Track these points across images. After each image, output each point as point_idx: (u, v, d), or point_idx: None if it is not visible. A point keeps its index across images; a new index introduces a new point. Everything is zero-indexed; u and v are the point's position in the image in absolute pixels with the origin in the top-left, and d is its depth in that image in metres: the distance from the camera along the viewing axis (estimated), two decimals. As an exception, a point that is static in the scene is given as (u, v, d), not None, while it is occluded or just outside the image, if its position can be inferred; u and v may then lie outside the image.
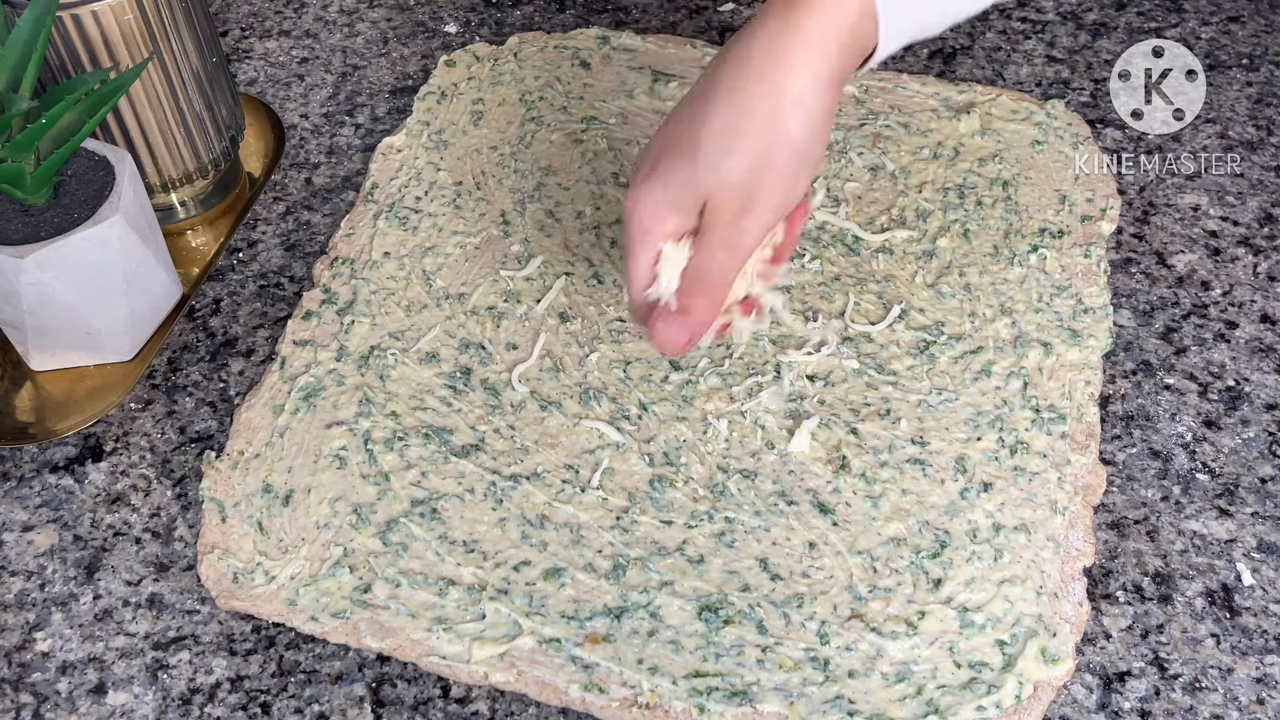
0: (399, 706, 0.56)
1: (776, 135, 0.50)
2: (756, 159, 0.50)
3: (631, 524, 0.60)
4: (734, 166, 0.50)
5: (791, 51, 0.49)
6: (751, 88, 0.50)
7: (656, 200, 0.52)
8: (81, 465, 0.66)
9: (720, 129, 0.50)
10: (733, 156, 0.50)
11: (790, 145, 0.50)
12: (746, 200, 0.51)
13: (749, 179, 0.51)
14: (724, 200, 0.51)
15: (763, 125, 0.50)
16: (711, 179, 0.51)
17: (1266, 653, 0.57)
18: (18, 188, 0.62)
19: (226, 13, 0.92)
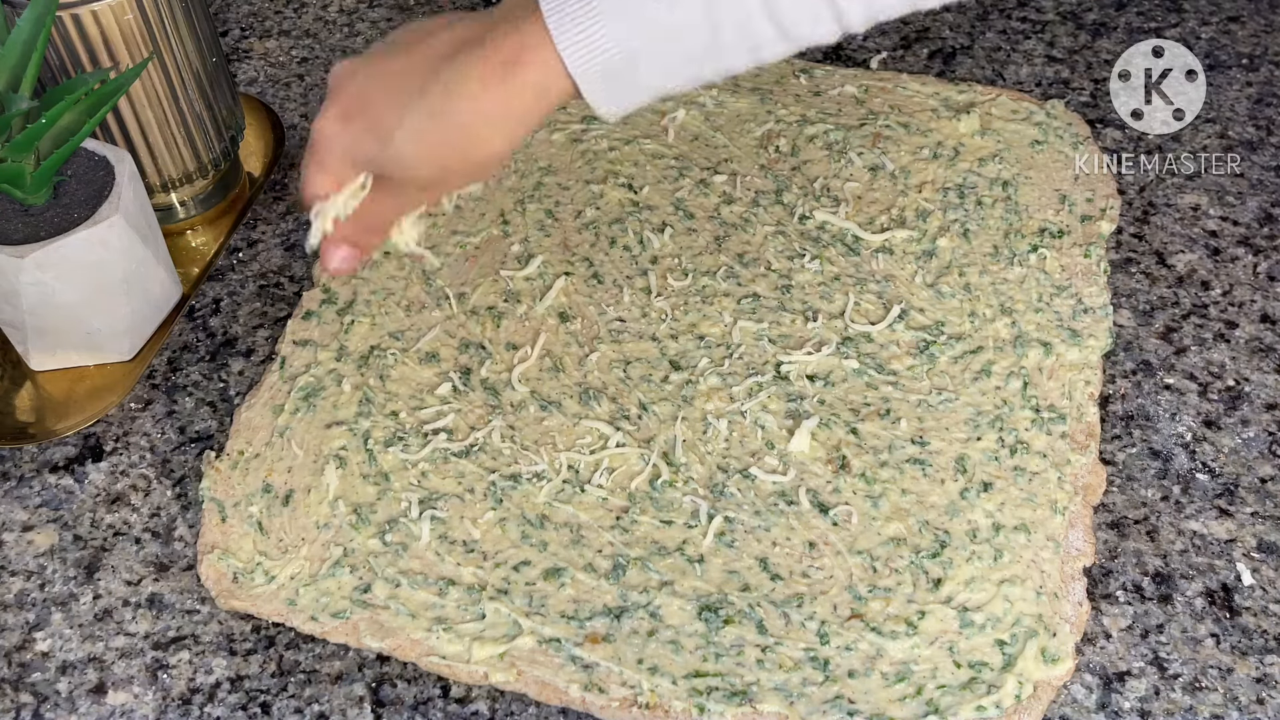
0: (399, 706, 0.56)
1: (469, 149, 0.52)
2: (443, 167, 0.53)
3: (631, 524, 0.60)
4: (421, 166, 0.53)
5: (507, 95, 0.51)
6: (459, 105, 0.51)
7: (342, 150, 0.54)
8: (81, 465, 0.66)
9: (420, 128, 0.52)
10: (421, 160, 0.53)
11: (475, 161, 0.53)
12: (426, 185, 0.55)
13: (433, 175, 0.54)
14: (406, 178, 0.54)
15: (457, 139, 0.52)
16: (397, 168, 0.53)
17: (1266, 653, 0.57)
18: (18, 188, 0.62)
19: (226, 13, 0.92)
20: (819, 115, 0.79)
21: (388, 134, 0.52)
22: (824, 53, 0.86)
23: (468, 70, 0.51)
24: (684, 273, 0.71)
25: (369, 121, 0.53)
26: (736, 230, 0.73)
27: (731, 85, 0.81)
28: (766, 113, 0.80)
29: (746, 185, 0.76)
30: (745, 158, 0.78)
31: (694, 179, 0.76)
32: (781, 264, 0.71)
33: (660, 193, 0.76)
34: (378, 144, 0.53)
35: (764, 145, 0.78)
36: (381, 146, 0.53)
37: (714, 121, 0.80)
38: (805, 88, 0.82)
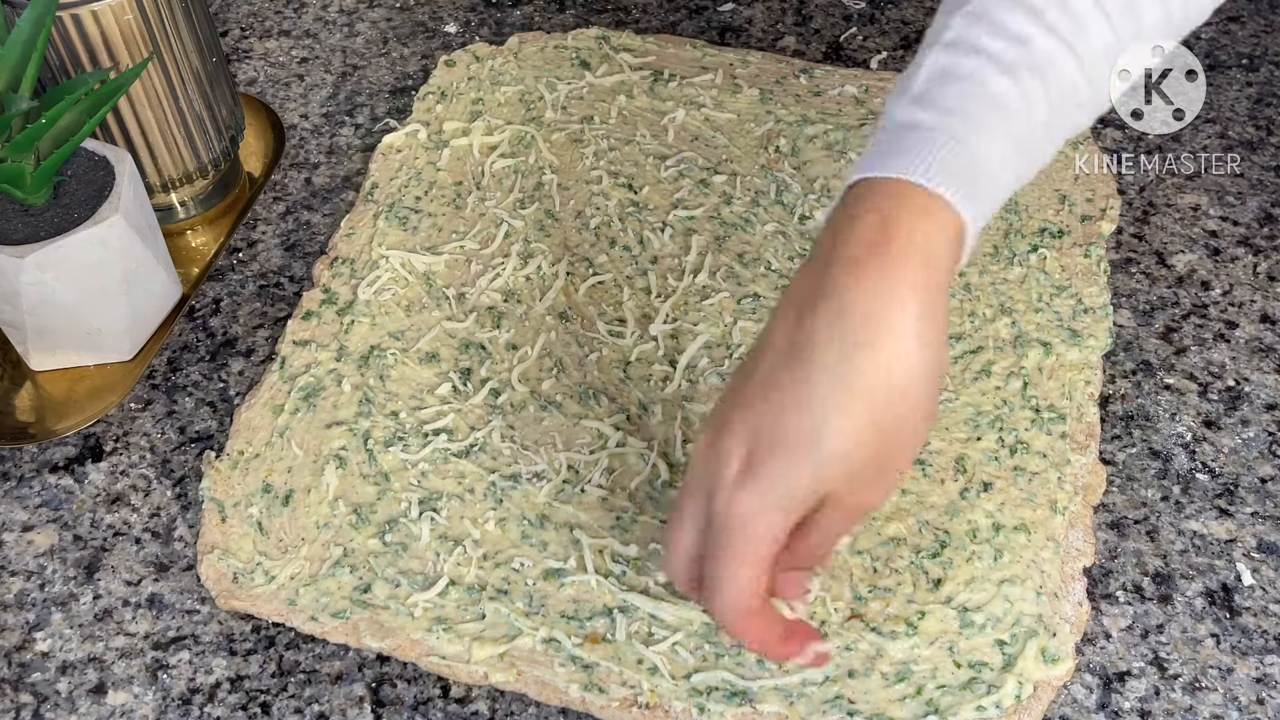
0: (399, 706, 0.56)
1: (895, 390, 0.43)
2: (880, 430, 0.43)
3: (631, 524, 0.60)
4: (857, 451, 0.43)
5: (897, 293, 0.42)
6: (857, 355, 0.42)
7: (764, 506, 0.44)
8: (81, 465, 0.66)
9: (829, 414, 0.42)
10: (854, 442, 0.43)
11: (913, 396, 0.43)
12: (873, 477, 0.44)
13: (876, 455, 0.43)
14: (848, 487, 0.44)
15: (879, 385, 0.42)
16: (834, 472, 0.43)
17: (1266, 653, 0.57)
18: (18, 188, 0.62)
19: (226, 13, 0.92)
20: (819, 115, 0.79)
21: (803, 443, 0.43)
22: (824, 53, 0.86)
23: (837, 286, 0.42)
24: (684, 273, 0.71)
25: (776, 453, 0.43)
26: (736, 230, 0.73)
27: (731, 85, 0.81)
28: (766, 113, 0.80)
29: (746, 185, 0.76)
30: (745, 158, 0.78)
31: (694, 179, 0.76)
32: (781, 264, 0.71)
33: (660, 193, 0.76)
34: (801, 463, 0.43)
35: (764, 145, 0.78)
36: (806, 463, 0.43)
37: (714, 121, 0.80)
38: (805, 88, 0.82)
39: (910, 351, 0.42)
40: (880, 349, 0.42)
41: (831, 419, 0.42)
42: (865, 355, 0.42)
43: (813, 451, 0.43)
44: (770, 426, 0.44)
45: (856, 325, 0.42)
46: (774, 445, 0.43)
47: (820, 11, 0.89)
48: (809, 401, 0.43)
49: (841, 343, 0.42)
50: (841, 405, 0.42)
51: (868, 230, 0.43)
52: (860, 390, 0.42)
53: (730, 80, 0.82)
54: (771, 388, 0.44)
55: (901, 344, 0.42)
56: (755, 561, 0.45)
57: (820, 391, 0.42)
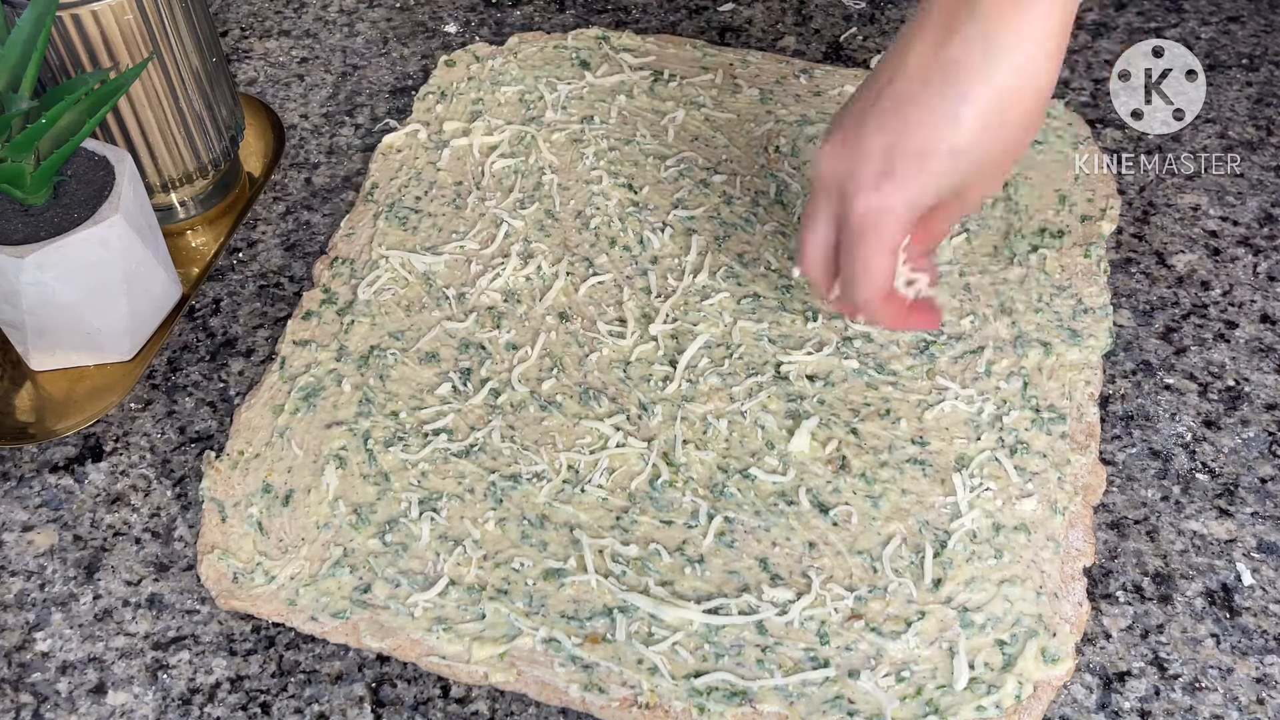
0: (399, 706, 0.56)
1: (1027, 92, 0.48)
2: (1004, 126, 0.48)
3: (631, 524, 0.60)
4: (984, 148, 0.48)
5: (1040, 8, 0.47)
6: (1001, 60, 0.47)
7: (903, 203, 0.49)
8: (81, 465, 0.66)
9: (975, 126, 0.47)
10: (983, 140, 0.48)
11: (1036, 101, 0.48)
12: (993, 171, 0.51)
13: (999, 151, 0.49)
14: (973, 181, 0.50)
15: (1010, 86, 0.47)
16: (964, 168, 0.49)
17: (1266, 653, 0.57)
18: (18, 188, 0.62)
19: (226, 13, 0.92)
20: (819, 115, 0.79)
21: (943, 147, 0.48)
22: (824, 53, 0.86)
23: (982, 16, 0.46)
24: (684, 272, 0.71)
25: (912, 155, 0.48)
26: (736, 230, 0.73)
27: (731, 85, 0.81)
28: (766, 113, 0.80)
29: (746, 185, 0.76)
30: (745, 158, 0.78)
31: (694, 179, 0.76)
32: (781, 264, 0.71)
33: (660, 193, 0.76)
34: (937, 169, 0.48)
35: (764, 145, 0.78)
36: (942, 169, 0.48)
37: (714, 121, 0.80)
38: (805, 88, 0.82)
39: (1042, 60, 0.47)
40: (1018, 54, 0.46)
41: (965, 117, 0.47)
42: (1005, 59, 0.46)
43: (950, 156, 0.48)
44: (909, 133, 0.48)
45: (999, 32, 0.46)
46: (910, 150, 0.48)
47: (820, 11, 0.89)
48: (954, 115, 0.47)
49: (986, 51, 0.46)
50: (978, 101, 0.47)
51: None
52: (997, 88, 0.47)
53: (730, 80, 0.82)
54: (909, 102, 0.48)
55: (1038, 51, 0.47)
56: (891, 251, 0.51)
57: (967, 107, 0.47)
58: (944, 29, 0.48)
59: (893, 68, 0.51)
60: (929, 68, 0.48)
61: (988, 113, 0.48)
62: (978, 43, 0.47)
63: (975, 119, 0.48)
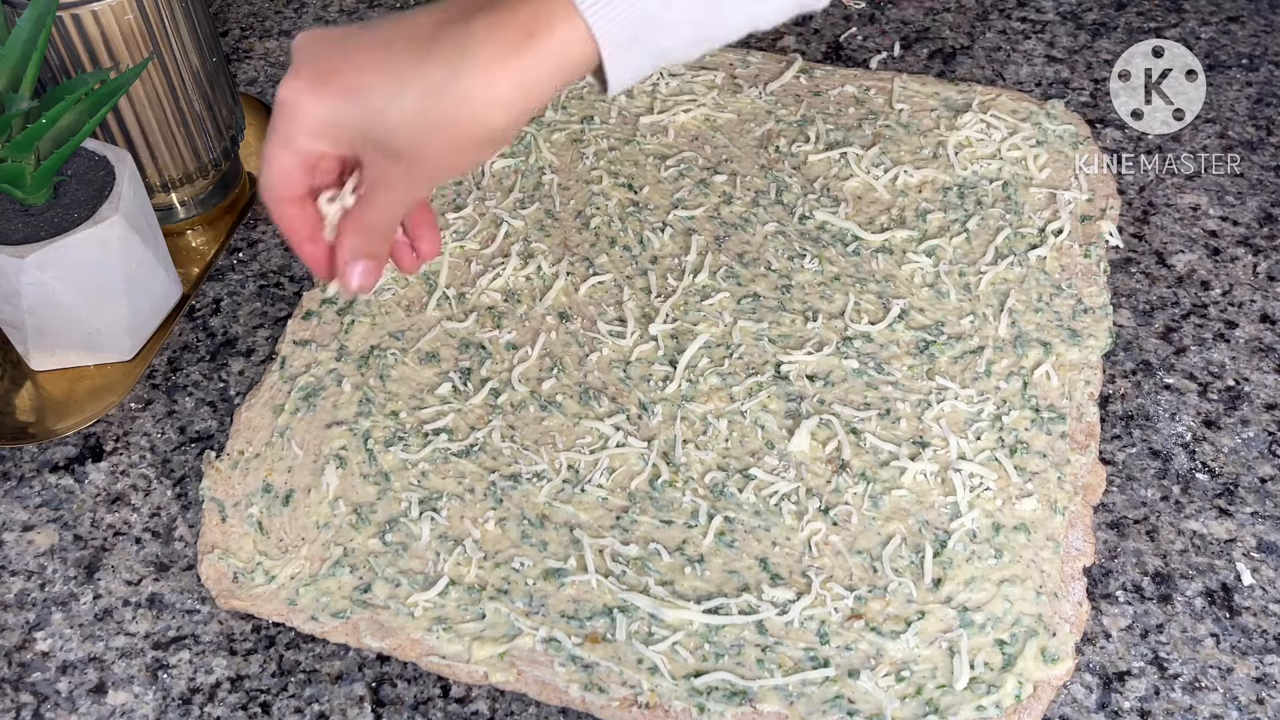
0: (399, 706, 0.56)
1: (473, 128, 0.48)
2: (439, 150, 0.49)
3: (631, 524, 0.60)
4: (414, 147, 0.48)
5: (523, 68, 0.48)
6: (468, 78, 0.47)
7: (315, 121, 0.48)
8: (81, 465, 0.66)
9: (419, 102, 0.47)
10: (416, 140, 0.48)
11: (477, 142, 0.49)
12: (416, 173, 0.50)
13: (427, 159, 0.49)
14: (390, 165, 0.50)
15: (461, 116, 0.48)
16: (382, 150, 0.48)
17: (1266, 652, 0.57)
18: (18, 188, 0.62)
19: (226, 13, 0.92)
20: (819, 115, 0.80)
21: (377, 107, 0.47)
22: (824, 53, 0.86)
23: (479, 38, 0.47)
24: (684, 272, 0.71)
25: (351, 89, 0.48)
26: (736, 230, 0.73)
27: (731, 85, 0.81)
28: (766, 113, 0.80)
29: (746, 185, 0.76)
30: (745, 158, 0.78)
31: (694, 179, 0.76)
32: (781, 264, 0.71)
33: (660, 193, 0.76)
34: (362, 117, 0.47)
35: (764, 145, 0.78)
36: (367, 121, 0.47)
37: (714, 121, 0.80)
38: (805, 88, 0.82)
39: (500, 101, 0.47)
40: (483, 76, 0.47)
41: (408, 107, 0.47)
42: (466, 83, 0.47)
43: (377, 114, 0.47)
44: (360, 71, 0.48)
45: (478, 65, 0.47)
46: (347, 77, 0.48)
47: (820, 11, 0.89)
48: (404, 78, 0.47)
49: (461, 54, 0.47)
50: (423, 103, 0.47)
51: (516, 23, 0.47)
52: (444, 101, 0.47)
53: (730, 80, 0.82)
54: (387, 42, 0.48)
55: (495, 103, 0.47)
56: (288, 149, 0.49)
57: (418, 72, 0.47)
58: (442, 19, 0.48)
59: (402, 19, 0.50)
60: (418, 35, 0.48)
61: (432, 101, 0.47)
62: (458, 45, 0.47)
63: (419, 97, 0.47)
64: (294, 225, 0.52)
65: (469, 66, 0.47)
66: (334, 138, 0.49)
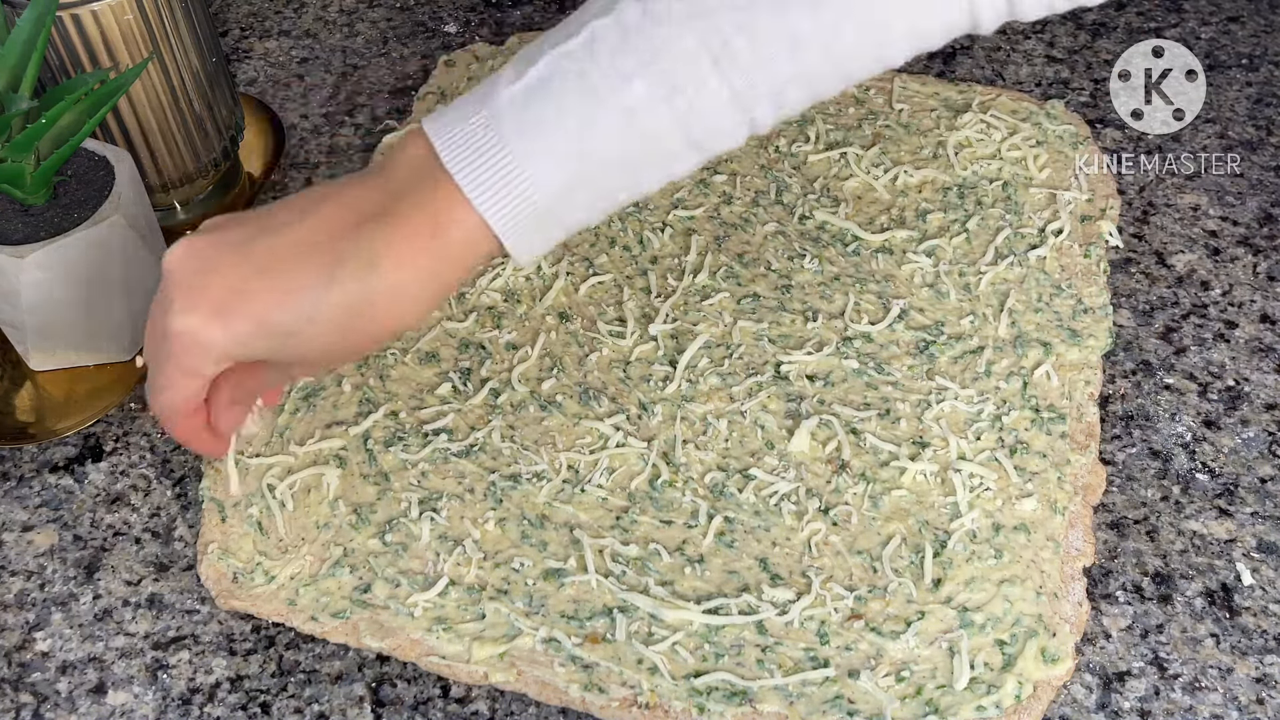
0: (399, 706, 0.56)
1: (384, 326, 0.49)
2: (347, 349, 0.50)
3: (631, 524, 0.60)
4: (326, 355, 0.50)
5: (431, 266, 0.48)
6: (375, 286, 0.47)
7: (220, 355, 0.49)
8: (81, 465, 0.66)
9: (330, 317, 0.48)
10: (327, 350, 0.49)
11: (386, 336, 0.50)
12: (317, 365, 0.53)
13: (334, 357, 0.51)
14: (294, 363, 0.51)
15: (372, 319, 0.48)
16: (291, 358, 0.49)
17: (1266, 653, 0.57)
18: (18, 188, 0.62)
19: (226, 13, 0.92)
20: (819, 115, 0.79)
21: (288, 331, 0.47)
22: (824, 53, 0.86)
23: (381, 249, 0.47)
24: (684, 273, 0.71)
25: (257, 319, 0.47)
26: (736, 230, 0.73)
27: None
28: (766, 113, 0.80)
29: (746, 185, 0.76)
30: (745, 158, 0.78)
31: (694, 179, 0.76)
32: (781, 264, 0.71)
33: (660, 193, 0.76)
34: (272, 343, 0.48)
35: (764, 145, 0.78)
36: (278, 344, 0.48)
37: (714, 121, 0.80)
38: (805, 88, 0.82)
39: (408, 315, 0.49)
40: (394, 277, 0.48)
41: (319, 324, 0.48)
42: (378, 293, 0.48)
43: (285, 336, 0.48)
44: (269, 288, 0.48)
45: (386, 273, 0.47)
46: (246, 305, 0.47)
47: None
48: (309, 297, 0.47)
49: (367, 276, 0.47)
50: (334, 317, 0.48)
51: (426, 215, 0.48)
52: (355, 311, 0.48)
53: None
54: (286, 259, 0.48)
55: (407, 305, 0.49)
56: (193, 377, 0.50)
57: (326, 291, 0.47)
58: (345, 221, 0.48)
59: (293, 212, 0.49)
60: (318, 248, 0.47)
61: (345, 317, 0.48)
62: (364, 252, 0.47)
63: (332, 318, 0.47)
64: (194, 431, 0.54)
65: (378, 276, 0.47)
66: (238, 357, 0.49)
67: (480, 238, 0.48)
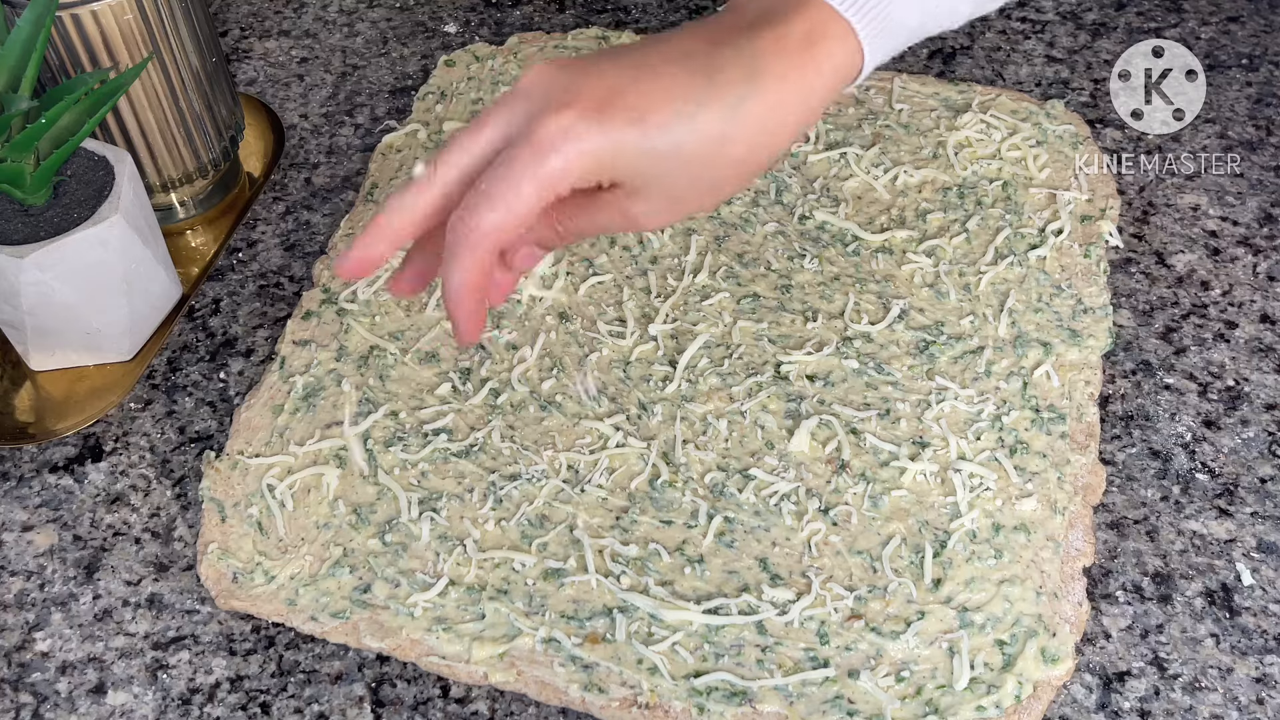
0: (399, 706, 0.56)
1: (764, 144, 0.46)
2: (724, 173, 0.46)
3: (631, 524, 0.60)
4: (701, 169, 0.45)
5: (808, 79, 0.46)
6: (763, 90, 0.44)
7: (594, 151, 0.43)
8: (81, 465, 0.66)
9: (713, 121, 0.44)
10: (704, 161, 0.45)
11: (765, 160, 0.47)
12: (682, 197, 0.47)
13: (705, 182, 0.46)
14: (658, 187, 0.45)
15: (752, 132, 0.45)
16: (655, 175, 0.44)
17: (1266, 653, 0.57)
18: (18, 188, 0.62)
19: (226, 13, 0.92)
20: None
21: (669, 134, 0.43)
22: (824, 53, 0.86)
23: (767, 54, 0.44)
24: (684, 273, 0.71)
25: (638, 116, 0.43)
26: (736, 230, 0.73)
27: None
28: (766, 113, 0.80)
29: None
30: (745, 158, 0.78)
31: (694, 179, 0.76)
32: (781, 264, 0.71)
33: (660, 193, 0.75)
34: (649, 146, 0.43)
35: (764, 145, 0.78)
36: (652, 151, 0.43)
37: (714, 121, 0.80)
38: (805, 88, 0.81)
39: (790, 116, 0.46)
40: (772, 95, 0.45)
41: (700, 127, 0.44)
42: (758, 102, 0.45)
43: (656, 136, 0.44)
44: (648, 85, 0.44)
45: (769, 81, 0.45)
46: (638, 100, 0.44)
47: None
48: (693, 96, 0.44)
49: (750, 80, 0.45)
50: (717, 122, 0.44)
51: (797, 36, 0.46)
52: (738, 118, 0.45)
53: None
54: (664, 64, 0.45)
55: (784, 123, 0.46)
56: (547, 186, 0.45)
57: (710, 90, 0.44)
58: (713, 37, 0.46)
59: (658, 41, 0.47)
60: (695, 53, 0.45)
61: (728, 123, 0.44)
62: (745, 59, 0.45)
63: (716, 120, 0.44)
64: (483, 276, 0.46)
65: (758, 89, 0.44)
66: (602, 173, 0.44)
67: (849, 49, 0.46)
